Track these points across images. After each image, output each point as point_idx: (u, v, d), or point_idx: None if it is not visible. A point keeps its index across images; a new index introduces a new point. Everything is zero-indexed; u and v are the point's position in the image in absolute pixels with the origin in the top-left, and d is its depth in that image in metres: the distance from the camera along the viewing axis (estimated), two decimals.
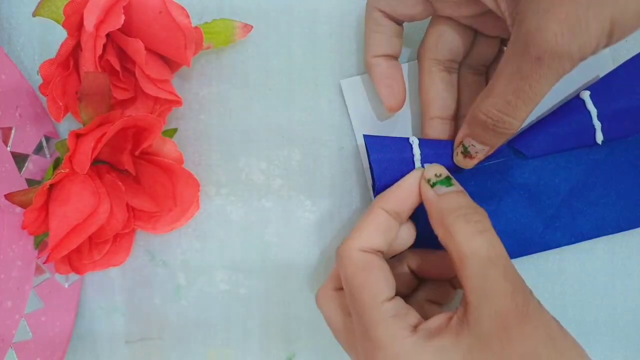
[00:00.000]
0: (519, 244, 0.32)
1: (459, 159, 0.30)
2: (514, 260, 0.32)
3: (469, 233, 0.25)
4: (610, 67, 0.33)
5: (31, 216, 0.29)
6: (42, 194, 0.28)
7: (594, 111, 0.30)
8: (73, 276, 0.34)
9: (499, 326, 0.24)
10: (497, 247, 0.25)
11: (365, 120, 0.34)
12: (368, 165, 0.33)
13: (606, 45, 0.24)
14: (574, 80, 0.33)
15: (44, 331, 0.33)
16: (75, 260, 0.31)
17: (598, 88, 0.31)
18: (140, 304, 0.35)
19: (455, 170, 0.31)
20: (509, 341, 0.24)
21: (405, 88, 0.32)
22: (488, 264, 0.25)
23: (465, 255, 0.25)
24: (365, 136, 0.30)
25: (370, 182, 0.34)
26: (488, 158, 0.31)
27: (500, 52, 0.32)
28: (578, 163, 0.32)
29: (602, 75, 0.32)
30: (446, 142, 0.30)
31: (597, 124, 0.30)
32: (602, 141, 0.31)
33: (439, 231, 0.27)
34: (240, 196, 0.35)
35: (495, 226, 0.31)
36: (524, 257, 0.33)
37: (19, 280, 0.31)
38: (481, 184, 0.31)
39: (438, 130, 0.31)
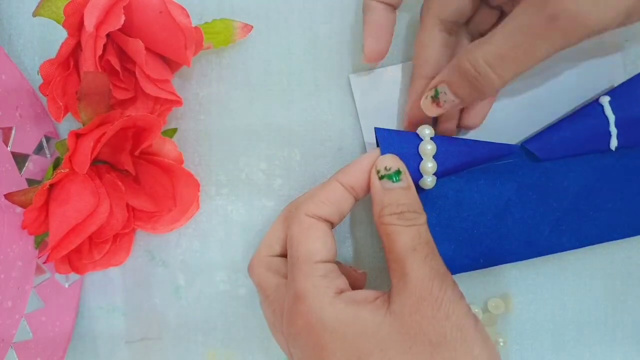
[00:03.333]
0: (525, 245, 0.32)
1: (426, 103, 0.29)
2: (520, 263, 0.32)
3: (400, 228, 0.26)
4: (622, 73, 0.33)
5: (31, 216, 0.29)
6: (42, 194, 0.28)
7: (612, 117, 0.30)
8: (73, 276, 0.34)
9: (413, 308, 0.25)
10: (423, 236, 0.26)
11: (373, 116, 0.34)
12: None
13: (621, 24, 0.24)
14: (585, 87, 0.33)
15: (44, 331, 0.33)
16: (75, 260, 0.31)
17: (618, 94, 0.31)
18: (140, 304, 0.35)
19: (468, 167, 0.31)
20: (420, 324, 0.24)
21: (390, 42, 0.31)
22: (410, 250, 0.26)
23: (393, 243, 0.26)
24: (377, 129, 0.30)
25: None
26: (499, 157, 0.31)
27: (497, 24, 0.31)
28: (588, 167, 0.31)
29: (615, 83, 0.32)
30: (463, 141, 0.30)
31: (614, 131, 0.30)
32: (616, 147, 0.31)
33: (376, 222, 0.28)
34: (240, 196, 0.35)
35: (502, 226, 0.31)
36: None
37: (19, 280, 0.31)
38: (490, 182, 0.31)
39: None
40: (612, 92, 0.31)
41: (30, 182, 0.32)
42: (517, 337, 0.34)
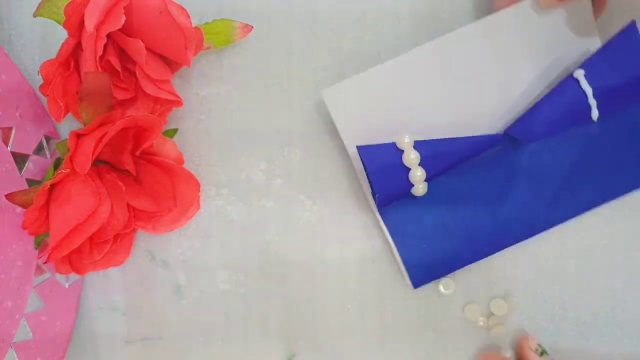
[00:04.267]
0: (524, 226, 0.32)
1: None
2: (520, 263, 0.32)
3: None
4: (599, 45, 0.33)
5: (32, 216, 0.29)
6: (43, 194, 0.28)
7: (589, 90, 0.30)
8: (73, 276, 0.34)
9: None
10: None
11: (352, 127, 0.33)
12: (362, 169, 0.33)
13: None
14: (562, 57, 0.33)
15: (44, 331, 0.33)
16: (75, 260, 0.31)
17: (591, 65, 0.30)
18: (140, 304, 0.35)
19: (455, 166, 0.31)
20: None
21: None
22: None
23: None
24: (359, 147, 0.30)
25: (366, 186, 0.34)
26: (484, 149, 0.31)
27: None
28: (574, 141, 0.32)
29: (591, 50, 0.32)
30: (446, 141, 0.30)
31: (593, 102, 0.30)
32: (597, 117, 0.31)
33: None
34: (240, 196, 0.35)
35: (499, 214, 0.31)
36: (525, 258, 0.34)
37: (19, 280, 0.31)
38: (481, 175, 0.31)
39: None
40: (585, 65, 0.31)
41: (30, 182, 0.32)
42: (517, 337, 0.34)
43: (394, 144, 0.30)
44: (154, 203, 0.32)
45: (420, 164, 0.30)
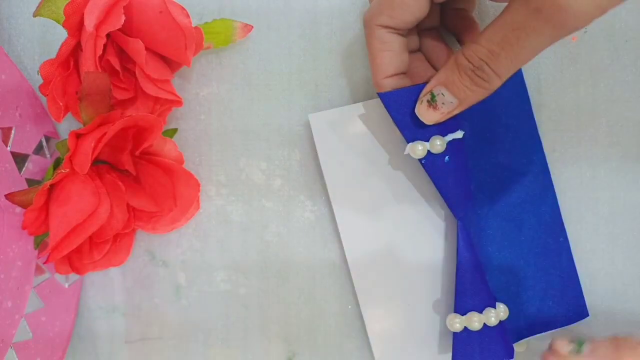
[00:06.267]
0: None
1: (422, 109, 0.28)
2: None
3: None
4: None
5: (31, 216, 0.29)
6: (42, 194, 0.28)
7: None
8: (73, 276, 0.34)
9: None
10: None
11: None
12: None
13: (604, 12, 0.23)
14: None
15: (44, 331, 0.33)
16: (75, 260, 0.31)
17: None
18: (140, 304, 0.35)
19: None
20: None
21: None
22: None
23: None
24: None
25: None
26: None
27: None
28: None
29: None
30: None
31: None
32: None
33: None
34: (240, 196, 0.35)
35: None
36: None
37: (19, 280, 0.31)
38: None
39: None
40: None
41: (30, 182, 0.32)
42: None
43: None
44: (154, 203, 0.32)
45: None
